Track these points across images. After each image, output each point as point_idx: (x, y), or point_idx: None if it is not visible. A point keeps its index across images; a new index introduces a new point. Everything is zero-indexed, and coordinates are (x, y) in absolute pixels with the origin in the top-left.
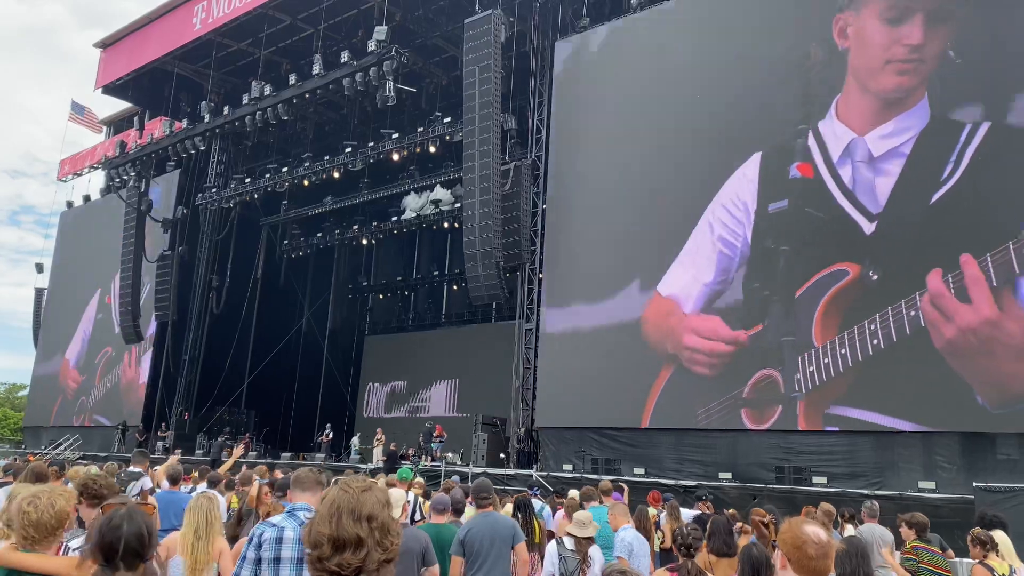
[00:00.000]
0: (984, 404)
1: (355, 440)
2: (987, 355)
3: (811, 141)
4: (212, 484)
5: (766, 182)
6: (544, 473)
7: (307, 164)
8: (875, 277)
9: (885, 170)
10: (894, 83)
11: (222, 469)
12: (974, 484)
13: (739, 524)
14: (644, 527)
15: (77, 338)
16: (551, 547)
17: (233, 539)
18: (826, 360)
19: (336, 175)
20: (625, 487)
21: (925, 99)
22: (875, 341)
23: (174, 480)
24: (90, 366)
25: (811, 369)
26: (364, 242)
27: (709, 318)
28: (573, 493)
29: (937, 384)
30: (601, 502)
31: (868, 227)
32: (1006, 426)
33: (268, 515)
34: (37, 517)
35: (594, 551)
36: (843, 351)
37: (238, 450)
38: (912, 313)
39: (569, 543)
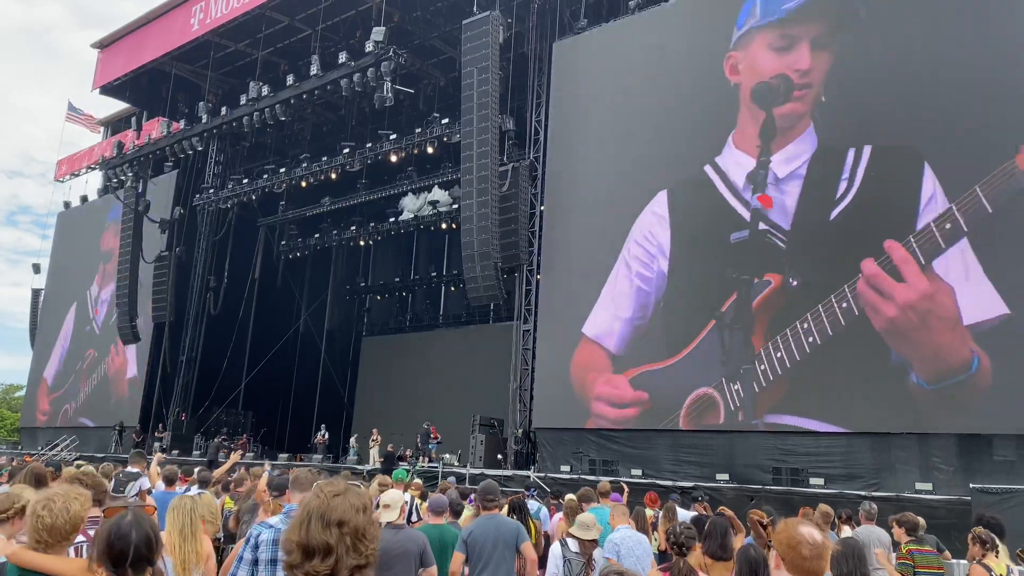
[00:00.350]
0: (919, 382)
1: (353, 440)
2: (925, 329)
3: (712, 174)
4: (203, 484)
5: (678, 215)
6: (542, 474)
7: (305, 165)
8: (795, 284)
9: (788, 191)
10: (787, 109)
11: (218, 472)
12: (971, 486)
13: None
14: (641, 528)
15: (55, 355)
16: (555, 549)
17: (234, 538)
18: (763, 367)
19: (334, 176)
20: (625, 487)
21: (812, 127)
22: (810, 339)
23: (170, 481)
24: (69, 377)
25: (747, 367)
26: (362, 243)
27: (614, 379)
28: (571, 496)
29: (876, 373)
30: (599, 503)
31: (782, 242)
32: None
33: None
34: (51, 521)
35: (598, 554)
36: (779, 354)
37: (235, 455)
38: (844, 305)
39: (573, 545)
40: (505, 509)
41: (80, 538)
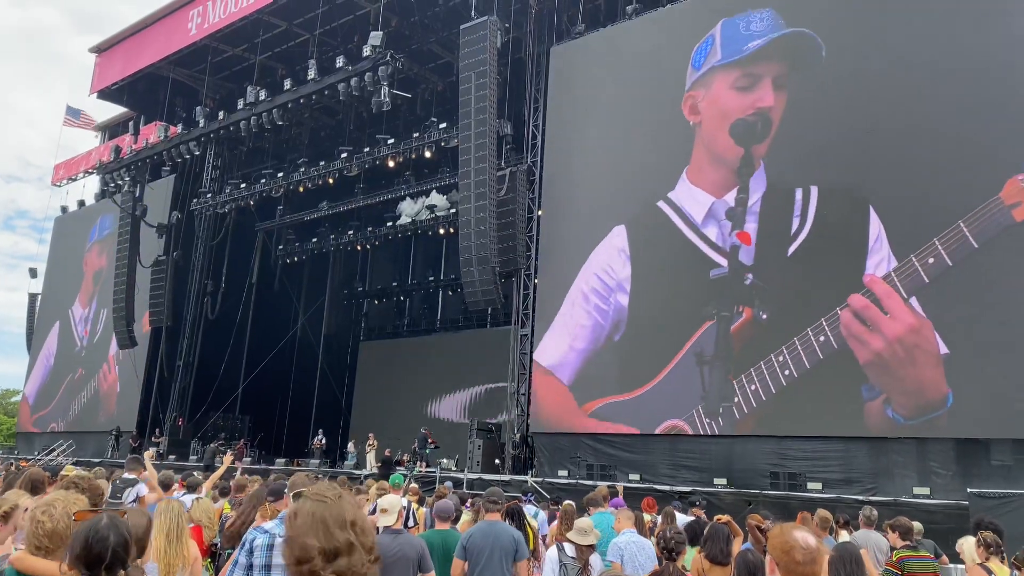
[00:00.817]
0: (895, 417)
1: (351, 445)
2: (911, 364)
3: (667, 209)
4: (191, 489)
5: (639, 251)
6: (539, 479)
7: (303, 169)
8: (764, 316)
9: (747, 228)
10: (760, 147)
11: (213, 477)
12: (968, 490)
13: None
14: (640, 534)
15: (37, 372)
16: (551, 553)
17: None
18: (736, 399)
19: (331, 180)
20: (619, 488)
21: (762, 166)
22: (786, 372)
23: (166, 486)
24: (54, 396)
25: (725, 405)
26: (359, 248)
27: (603, 424)
28: (568, 502)
29: (850, 407)
30: (603, 508)
31: (748, 279)
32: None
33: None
34: (52, 526)
35: (595, 559)
36: (753, 387)
37: (227, 459)
38: (822, 338)
39: (570, 550)
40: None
41: None
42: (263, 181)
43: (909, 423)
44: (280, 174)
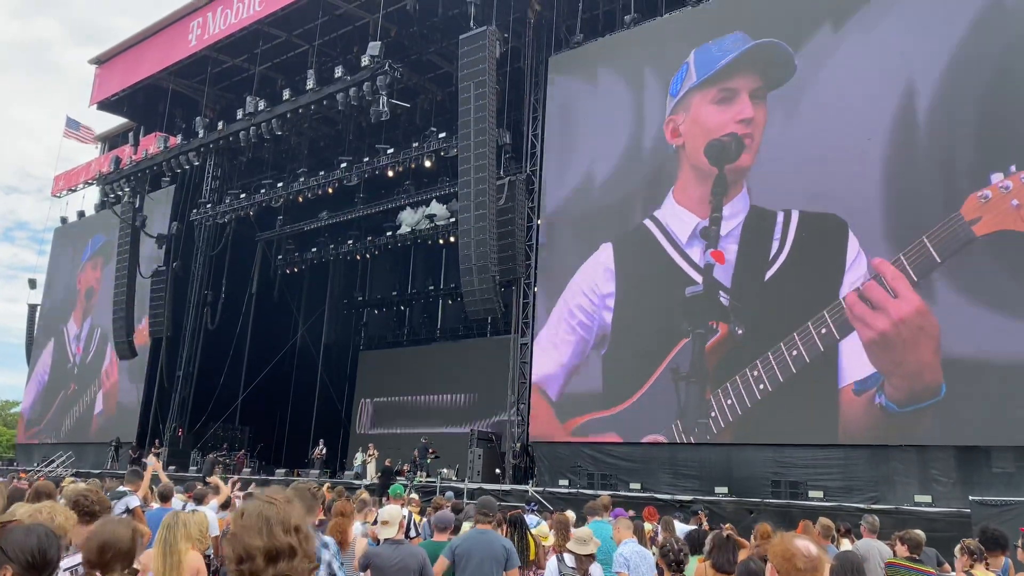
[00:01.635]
0: (889, 405)
1: (358, 455)
2: (913, 346)
3: (652, 227)
4: (198, 501)
5: (625, 269)
6: (540, 489)
7: (302, 179)
8: (740, 332)
9: (727, 249)
10: (735, 166)
11: (223, 495)
12: (970, 498)
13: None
14: (640, 543)
15: (32, 389)
16: (551, 564)
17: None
18: (713, 413)
19: (331, 190)
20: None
21: (745, 189)
22: (760, 386)
23: (165, 497)
24: (47, 413)
25: (701, 421)
26: (359, 257)
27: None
28: (564, 512)
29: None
30: (602, 517)
31: (724, 299)
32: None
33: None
34: None
35: (594, 568)
36: (729, 402)
37: (213, 481)
38: (795, 352)
39: (570, 560)
40: (501, 525)
41: (74, 560)
42: (263, 191)
43: (903, 411)
44: (280, 184)
